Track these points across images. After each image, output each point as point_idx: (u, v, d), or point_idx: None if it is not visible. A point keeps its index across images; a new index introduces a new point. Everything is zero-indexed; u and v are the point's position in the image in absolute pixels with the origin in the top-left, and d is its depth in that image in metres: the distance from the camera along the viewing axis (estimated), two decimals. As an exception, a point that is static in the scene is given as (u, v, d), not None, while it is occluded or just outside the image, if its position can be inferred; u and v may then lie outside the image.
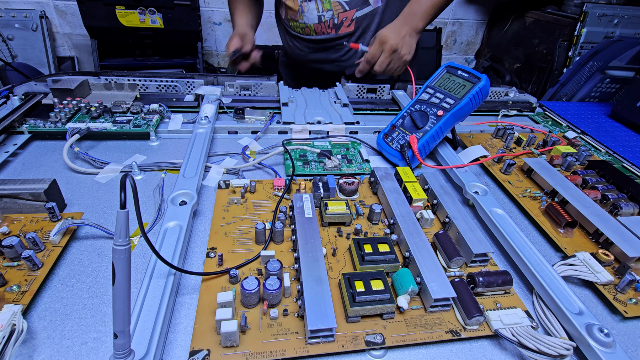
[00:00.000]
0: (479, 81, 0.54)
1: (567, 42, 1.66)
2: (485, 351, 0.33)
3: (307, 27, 0.84)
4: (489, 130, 0.70)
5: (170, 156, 0.55)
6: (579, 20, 1.62)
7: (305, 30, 0.85)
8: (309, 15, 0.82)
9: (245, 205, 0.45)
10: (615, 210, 0.48)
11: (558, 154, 0.59)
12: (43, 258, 0.35)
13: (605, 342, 0.31)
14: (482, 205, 0.46)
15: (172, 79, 0.70)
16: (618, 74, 1.02)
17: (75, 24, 1.90)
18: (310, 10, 0.81)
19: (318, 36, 0.85)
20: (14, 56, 1.77)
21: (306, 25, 0.84)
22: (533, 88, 1.81)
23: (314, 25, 0.83)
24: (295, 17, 0.84)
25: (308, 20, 0.83)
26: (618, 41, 1.07)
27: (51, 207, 0.39)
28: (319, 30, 0.84)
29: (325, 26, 0.83)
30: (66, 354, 0.29)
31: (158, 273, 0.34)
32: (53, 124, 0.56)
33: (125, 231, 0.22)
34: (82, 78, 0.66)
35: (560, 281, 0.36)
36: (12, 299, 0.32)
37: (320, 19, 0.81)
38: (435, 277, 0.34)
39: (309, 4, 0.80)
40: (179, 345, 0.31)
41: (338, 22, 0.82)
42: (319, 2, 0.80)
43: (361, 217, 0.45)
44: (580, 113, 0.82)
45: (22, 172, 0.50)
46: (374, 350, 0.32)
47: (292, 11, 0.84)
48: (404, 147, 0.54)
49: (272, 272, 0.34)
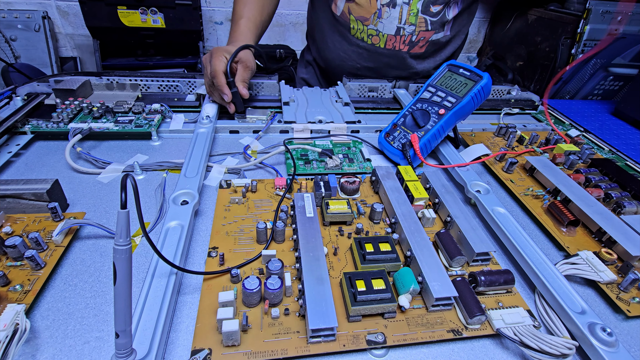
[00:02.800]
0: (481, 79, 0.53)
1: (570, 40, 1.65)
2: (487, 350, 0.33)
3: (377, 35, 0.72)
4: (491, 129, 0.70)
5: (171, 156, 0.56)
6: (582, 17, 1.61)
7: (372, 38, 0.73)
8: (386, 23, 0.70)
9: (246, 204, 0.45)
10: (619, 209, 0.48)
11: (561, 152, 0.58)
12: (46, 258, 0.36)
13: (608, 342, 0.30)
14: (484, 204, 0.46)
15: (174, 79, 0.71)
16: (621, 71, 1.01)
17: (78, 24, 1.91)
18: (390, 18, 0.70)
19: (385, 49, 0.75)
20: (17, 57, 1.78)
21: (377, 32, 0.72)
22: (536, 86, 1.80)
23: (387, 35, 0.72)
24: (366, 21, 0.72)
25: (383, 29, 0.71)
26: (621, 38, 1.06)
27: (54, 207, 0.39)
28: (390, 44, 0.73)
29: (400, 40, 0.73)
30: (69, 353, 0.30)
31: (160, 272, 0.34)
32: (55, 124, 0.56)
33: (126, 231, 0.22)
34: (84, 78, 0.66)
35: (563, 280, 0.36)
36: (15, 299, 0.32)
37: (399, 31, 0.71)
38: (437, 276, 0.34)
39: (391, 10, 0.69)
40: (181, 344, 0.31)
41: (415, 40, 0.73)
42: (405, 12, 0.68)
43: (362, 216, 0.45)
44: (583, 111, 0.81)
45: (24, 172, 0.50)
46: (375, 350, 0.31)
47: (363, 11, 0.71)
48: (406, 146, 0.54)
49: (273, 271, 0.34)
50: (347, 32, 0.77)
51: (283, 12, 2.00)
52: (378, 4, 0.69)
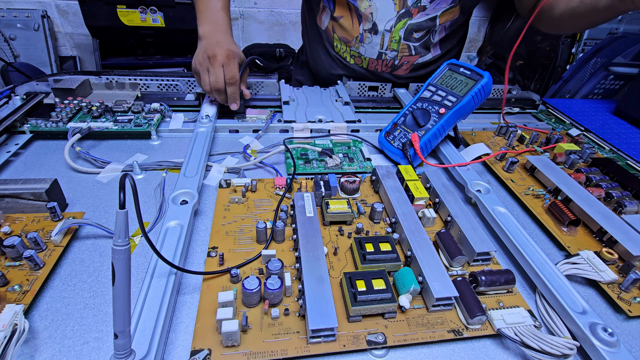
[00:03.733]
0: (482, 78, 0.53)
1: (570, 39, 1.65)
2: (488, 351, 0.32)
3: (359, 57, 0.73)
4: (491, 128, 0.70)
5: (171, 155, 0.55)
6: (583, 16, 1.60)
7: (355, 59, 0.74)
8: (368, 48, 0.71)
9: (246, 204, 0.45)
10: (620, 208, 0.48)
11: (561, 152, 0.58)
12: (44, 258, 0.35)
13: (609, 342, 0.30)
14: (485, 203, 0.46)
15: (173, 78, 0.70)
16: (622, 70, 1.01)
17: (77, 23, 1.90)
18: (372, 43, 0.70)
19: (367, 69, 0.75)
20: (17, 56, 1.78)
21: (359, 55, 0.72)
22: (536, 85, 1.80)
23: (369, 59, 0.72)
24: (349, 42, 0.72)
25: (365, 52, 0.71)
26: (622, 37, 1.06)
27: (52, 207, 0.39)
28: (372, 66, 0.74)
29: (382, 64, 0.73)
30: (67, 354, 0.29)
31: (159, 272, 0.34)
32: (54, 124, 0.56)
33: (125, 231, 0.22)
34: (83, 77, 0.66)
35: (564, 280, 0.36)
36: (13, 299, 0.32)
37: (380, 55, 0.71)
38: (437, 276, 0.34)
39: (373, 36, 0.69)
40: (180, 344, 0.31)
41: (398, 64, 0.73)
42: (387, 40, 0.68)
43: (362, 216, 0.44)
44: (583, 110, 0.81)
45: (23, 171, 0.50)
46: (376, 350, 0.31)
47: (345, 33, 0.71)
48: (406, 146, 0.54)
49: (273, 271, 0.33)
50: (330, 48, 0.77)
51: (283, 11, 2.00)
52: (360, 28, 0.69)
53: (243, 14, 2.19)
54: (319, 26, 0.76)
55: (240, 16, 2.18)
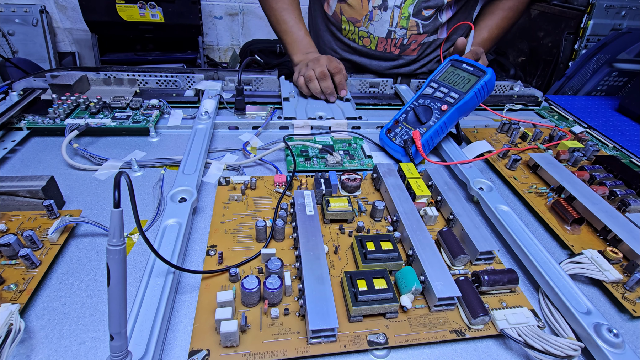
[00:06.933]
0: (485, 75, 0.52)
1: (573, 35, 1.64)
2: (491, 351, 0.32)
3: (368, 37, 0.73)
4: (493, 125, 0.69)
5: (170, 152, 0.55)
6: (586, 12, 1.59)
7: (363, 40, 0.74)
8: (377, 26, 0.71)
9: (245, 202, 0.44)
10: (624, 207, 0.47)
11: (565, 149, 0.57)
12: (41, 256, 0.35)
13: (614, 343, 0.30)
14: (487, 201, 0.45)
15: (172, 74, 0.70)
16: (626, 67, 1.00)
17: (76, 18, 1.89)
18: (381, 20, 0.70)
19: (376, 51, 0.75)
20: (15, 51, 1.77)
21: (368, 34, 0.73)
22: (538, 82, 1.78)
23: (378, 38, 0.72)
24: (357, 22, 0.72)
25: (374, 31, 0.71)
26: (626, 33, 1.05)
27: (49, 205, 0.38)
28: (381, 46, 0.74)
29: (391, 44, 0.73)
30: (64, 354, 0.29)
31: (157, 271, 0.33)
32: (52, 120, 0.55)
33: (120, 231, 0.21)
34: (81, 73, 0.65)
35: (568, 279, 0.35)
36: (9, 298, 0.31)
37: (390, 34, 0.71)
38: (440, 275, 0.34)
39: (382, 13, 0.69)
40: (178, 345, 0.31)
41: (406, 43, 0.73)
42: (396, 16, 0.69)
43: (364, 214, 0.44)
44: (587, 107, 0.80)
45: (20, 168, 0.49)
46: (377, 350, 0.31)
47: (354, 12, 0.71)
48: (407, 143, 0.53)
49: (272, 270, 0.33)
50: (339, 32, 0.77)
51: (283, 7, 1.98)
52: (370, 6, 0.70)
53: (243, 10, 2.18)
54: (326, 12, 0.77)
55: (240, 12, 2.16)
